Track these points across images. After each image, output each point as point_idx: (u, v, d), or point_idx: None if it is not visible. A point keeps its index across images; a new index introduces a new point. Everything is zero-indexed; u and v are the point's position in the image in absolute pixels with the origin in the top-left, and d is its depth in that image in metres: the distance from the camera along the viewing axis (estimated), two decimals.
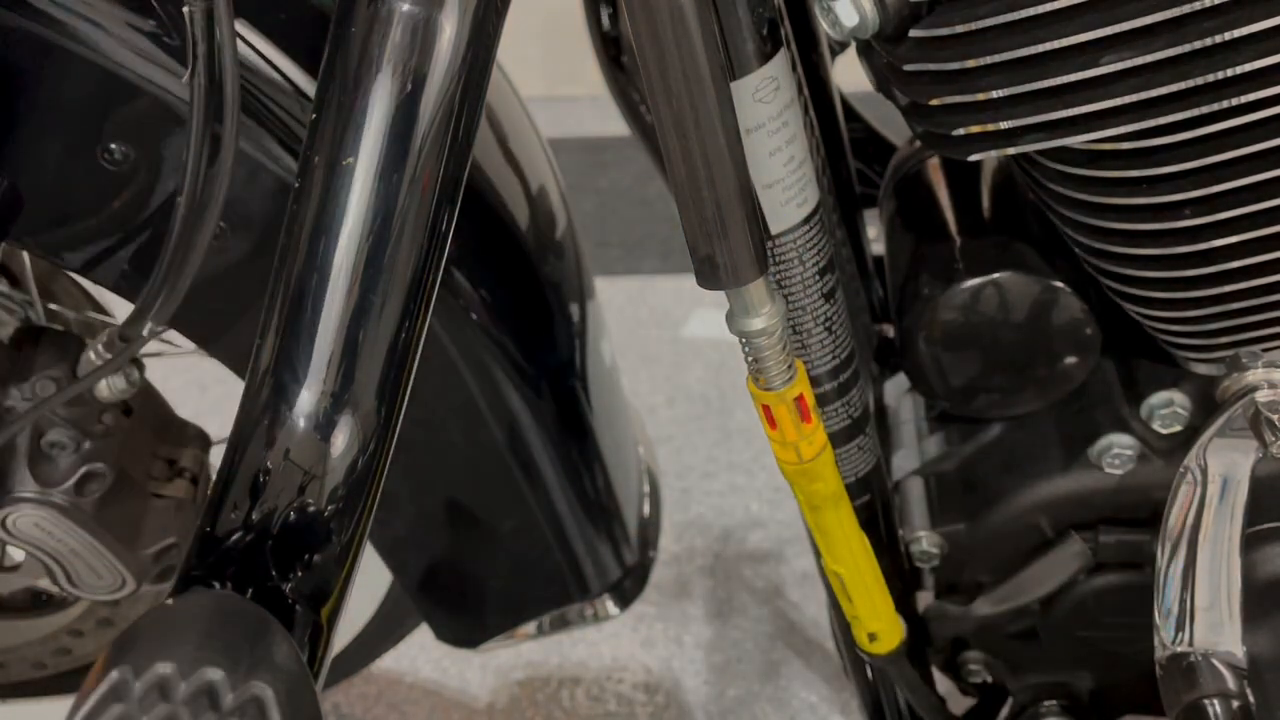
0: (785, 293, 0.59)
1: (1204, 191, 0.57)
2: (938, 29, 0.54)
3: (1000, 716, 0.86)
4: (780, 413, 0.48)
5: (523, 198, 0.89)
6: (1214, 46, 0.51)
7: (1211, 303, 0.62)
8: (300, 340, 0.40)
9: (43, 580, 0.97)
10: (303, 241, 0.40)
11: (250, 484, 0.39)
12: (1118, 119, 0.54)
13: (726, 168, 0.42)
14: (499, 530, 0.86)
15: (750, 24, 0.50)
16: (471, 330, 0.80)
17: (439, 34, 0.40)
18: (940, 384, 0.72)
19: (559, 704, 1.40)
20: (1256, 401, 0.62)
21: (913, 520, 0.77)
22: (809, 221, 0.56)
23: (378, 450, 0.40)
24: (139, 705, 0.31)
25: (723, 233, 0.43)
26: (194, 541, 0.38)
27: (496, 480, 0.82)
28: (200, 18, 0.59)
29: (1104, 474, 0.72)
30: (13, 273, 0.92)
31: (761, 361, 0.47)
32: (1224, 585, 0.60)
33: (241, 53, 0.67)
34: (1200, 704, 0.56)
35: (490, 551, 0.88)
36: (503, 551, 0.88)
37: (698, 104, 0.40)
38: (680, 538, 1.55)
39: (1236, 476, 0.62)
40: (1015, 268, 0.68)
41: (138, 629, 0.34)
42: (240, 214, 0.69)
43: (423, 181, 0.40)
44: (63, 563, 0.79)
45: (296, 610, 0.37)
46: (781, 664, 1.42)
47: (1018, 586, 0.75)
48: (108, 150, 0.66)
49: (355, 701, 1.41)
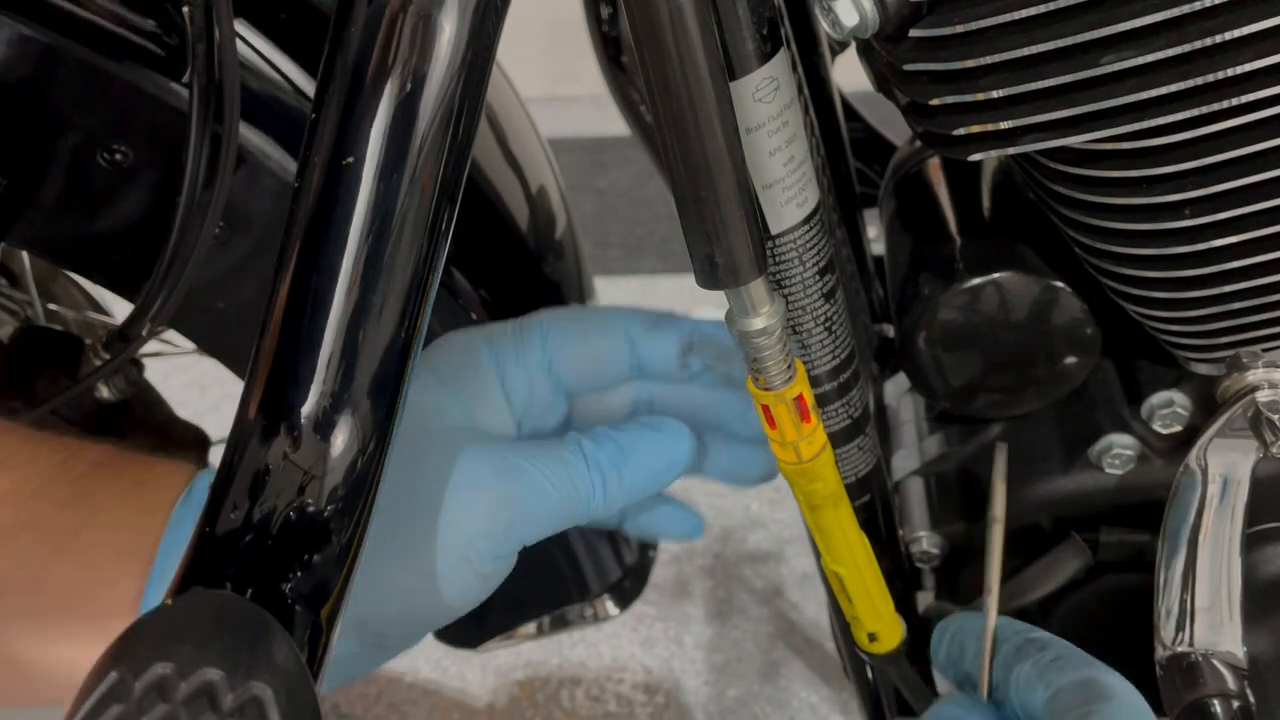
0: (785, 293, 0.59)
1: (1204, 191, 0.57)
2: (938, 29, 0.54)
3: None
4: (779, 412, 0.48)
5: (523, 198, 0.89)
6: (1214, 46, 0.51)
7: (1211, 303, 0.62)
8: (300, 340, 0.39)
9: None
10: (302, 241, 0.40)
11: (250, 484, 0.39)
12: (1118, 119, 0.54)
13: (725, 168, 0.42)
14: None
15: (750, 24, 0.50)
16: None
17: (439, 34, 0.39)
18: (940, 384, 0.72)
19: (559, 704, 1.40)
20: (1257, 401, 0.62)
21: (913, 520, 0.77)
22: (809, 221, 0.56)
23: (378, 450, 0.40)
24: (138, 706, 0.31)
25: (722, 232, 0.43)
26: (193, 542, 0.38)
27: None
28: (200, 17, 0.59)
29: (1104, 474, 0.72)
30: (13, 273, 0.92)
31: (761, 361, 0.47)
32: (1224, 585, 0.60)
33: (241, 53, 0.67)
34: (1200, 704, 0.56)
35: None
36: None
37: (696, 104, 0.40)
38: None
39: (1236, 476, 0.62)
40: (1015, 268, 0.68)
41: (137, 629, 0.34)
42: (240, 214, 0.69)
43: (423, 181, 0.40)
44: None
45: (296, 610, 0.37)
46: (781, 664, 1.42)
47: (1018, 586, 0.75)
48: (108, 150, 0.66)
49: (355, 701, 1.41)
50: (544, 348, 0.47)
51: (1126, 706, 0.40)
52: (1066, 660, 0.42)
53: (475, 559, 0.44)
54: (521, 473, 0.44)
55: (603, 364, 0.47)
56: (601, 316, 0.48)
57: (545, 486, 0.44)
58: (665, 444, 0.46)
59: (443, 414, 0.46)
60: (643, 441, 0.46)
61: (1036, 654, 0.43)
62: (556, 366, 0.47)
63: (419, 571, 0.44)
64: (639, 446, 0.46)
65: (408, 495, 0.44)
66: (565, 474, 0.45)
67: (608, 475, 0.45)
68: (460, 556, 0.44)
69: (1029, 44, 0.52)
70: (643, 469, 0.46)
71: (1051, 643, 0.43)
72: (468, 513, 0.44)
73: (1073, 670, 0.42)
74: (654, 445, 0.46)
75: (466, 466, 0.44)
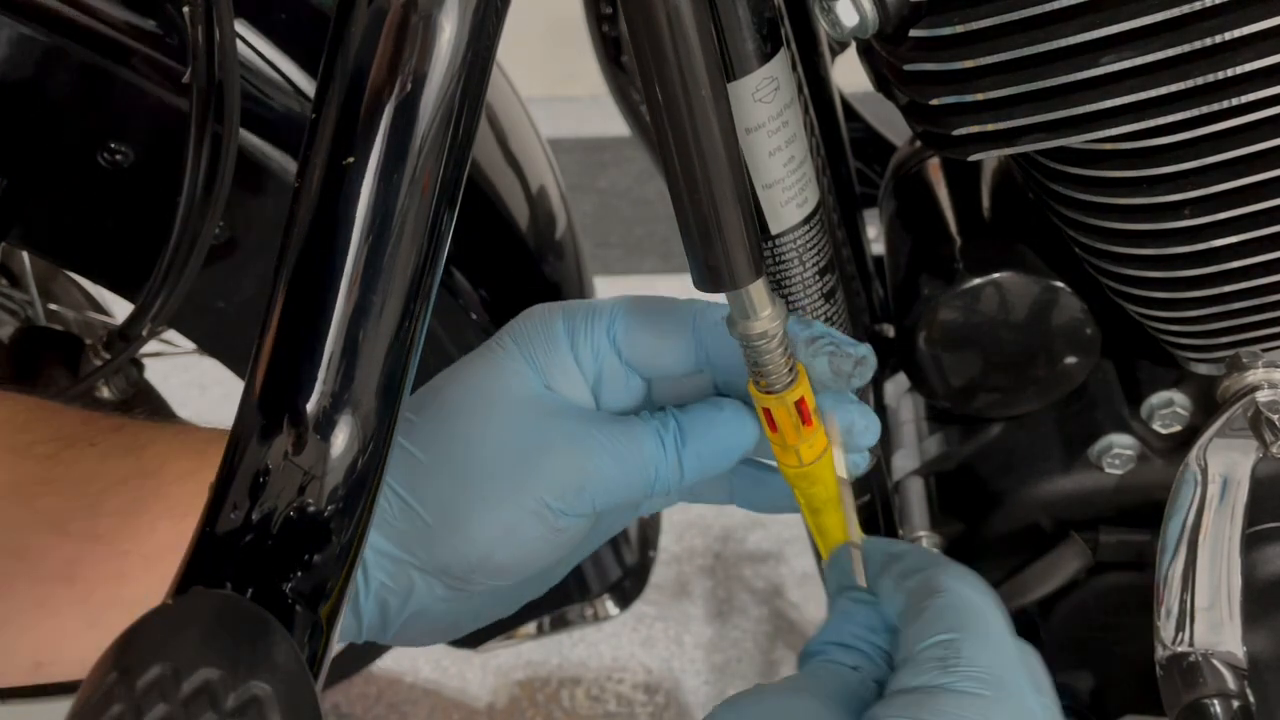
0: (785, 293, 0.59)
1: (1204, 191, 0.57)
2: (938, 29, 0.54)
3: None
4: (780, 415, 0.48)
5: (523, 198, 0.89)
6: (1214, 46, 0.51)
7: (1211, 303, 0.62)
8: (300, 340, 0.39)
9: None
10: (303, 241, 0.40)
11: (250, 484, 0.39)
12: (1118, 119, 0.54)
13: (722, 169, 0.42)
14: None
15: (750, 24, 0.50)
16: (471, 330, 0.80)
17: (439, 34, 0.39)
18: (940, 384, 0.72)
19: (559, 704, 1.40)
20: (1256, 401, 0.62)
21: (913, 520, 0.77)
22: (809, 222, 0.56)
23: (378, 450, 0.40)
24: (138, 705, 0.31)
25: (719, 235, 0.42)
26: (193, 541, 0.38)
27: None
28: (200, 17, 0.59)
29: (1104, 474, 0.72)
30: (13, 273, 0.92)
31: (762, 364, 0.46)
32: (1224, 585, 0.60)
33: (241, 53, 0.67)
34: (1200, 704, 0.56)
35: None
36: None
37: (693, 106, 0.40)
38: (680, 538, 1.55)
39: (1236, 476, 0.62)
40: (1015, 268, 0.68)
41: (137, 630, 0.34)
42: (240, 214, 0.69)
43: (423, 181, 0.40)
44: None
45: (296, 610, 0.37)
46: (781, 664, 1.42)
47: (1018, 586, 0.75)
48: (107, 150, 0.66)
49: (355, 701, 1.41)
50: (612, 326, 0.49)
51: (952, 597, 0.42)
52: (914, 565, 0.46)
53: (548, 516, 0.47)
54: (590, 440, 0.47)
55: (667, 350, 0.49)
56: (672, 306, 0.49)
57: (612, 455, 0.47)
58: (728, 422, 0.48)
59: (521, 378, 0.48)
60: (705, 420, 0.48)
61: (894, 565, 0.45)
62: (622, 346, 0.49)
63: (496, 523, 0.47)
64: (701, 424, 0.48)
65: (485, 451, 0.47)
66: (632, 445, 0.47)
67: (668, 449, 0.48)
68: (531, 513, 0.47)
69: (1029, 44, 0.52)
70: (707, 446, 0.48)
71: (905, 553, 0.46)
72: (538, 472, 0.47)
73: (918, 574, 0.45)
74: (716, 423, 0.48)
75: (539, 429, 0.47)
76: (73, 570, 0.47)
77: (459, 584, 0.49)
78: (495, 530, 0.47)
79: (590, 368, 0.49)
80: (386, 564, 0.48)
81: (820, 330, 0.48)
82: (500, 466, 0.47)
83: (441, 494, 0.47)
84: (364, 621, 0.49)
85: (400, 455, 0.47)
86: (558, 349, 0.49)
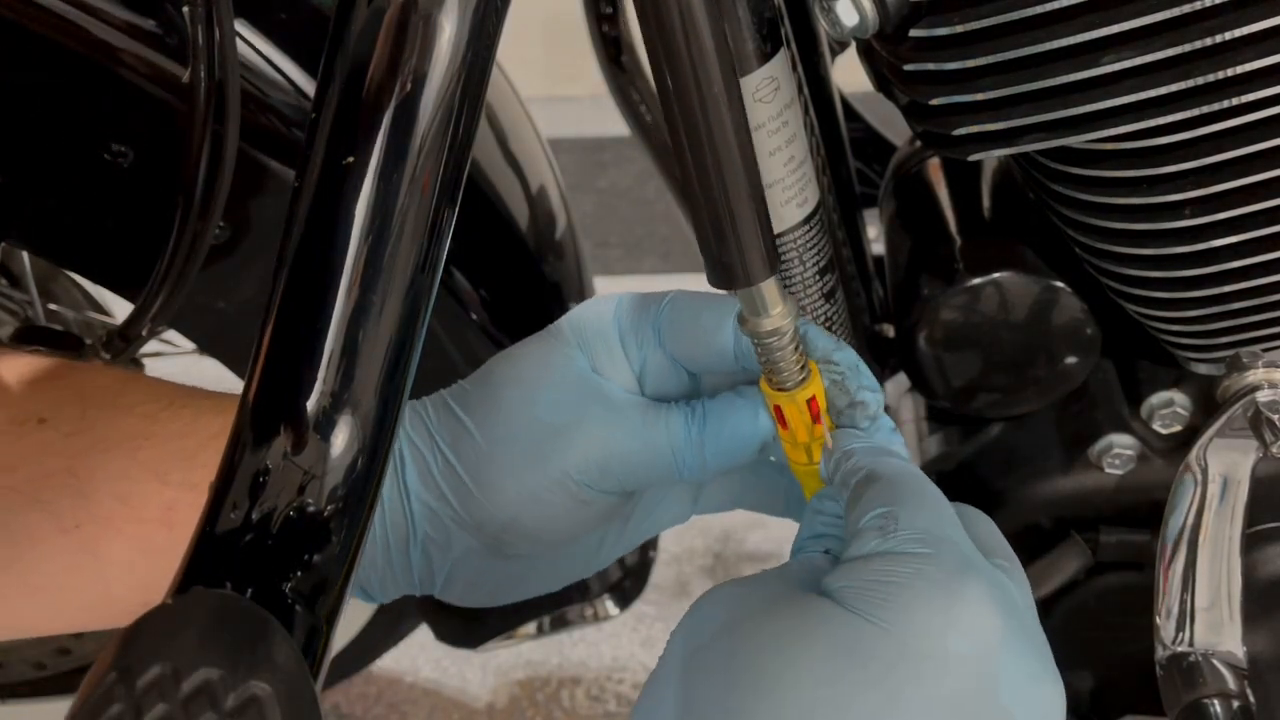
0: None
1: (1204, 191, 0.57)
2: (938, 29, 0.54)
3: None
4: (791, 413, 0.48)
5: (523, 198, 0.89)
6: (1214, 46, 0.51)
7: (1211, 303, 0.62)
8: (300, 340, 0.39)
9: None
10: (302, 241, 0.40)
11: (250, 484, 0.39)
12: (1118, 119, 0.54)
13: (737, 166, 0.41)
14: None
15: (750, 24, 0.50)
16: (471, 330, 0.80)
17: (439, 34, 0.39)
18: (940, 384, 0.72)
19: (559, 704, 1.40)
20: (1256, 401, 0.62)
21: None
22: (809, 221, 0.56)
23: (378, 450, 0.40)
24: (138, 705, 0.31)
25: (734, 232, 0.43)
26: (193, 541, 0.38)
27: None
28: (200, 17, 0.59)
29: (1104, 474, 0.72)
30: (13, 273, 0.92)
31: (773, 362, 0.47)
32: (1224, 585, 0.60)
33: (241, 53, 0.67)
34: (1200, 704, 0.56)
35: None
36: None
37: (707, 103, 0.40)
38: (680, 538, 1.55)
39: (1236, 476, 0.62)
40: (1015, 268, 0.68)
41: (137, 629, 0.34)
42: (240, 214, 0.69)
43: (423, 181, 0.40)
44: None
45: (296, 610, 0.37)
46: None
47: None
48: (108, 150, 0.66)
49: (355, 701, 1.41)
50: (658, 318, 0.52)
51: (888, 478, 0.45)
52: (860, 462, 0.47)
53: (571, 487, 0.50)
54: (619, 420, 0.50)
55: (703, 345, 0.51)
56: (712, 302, 0.51)
57: (637, 435, 0.50)
58: (742, 409, 0.50)
59: (569, 360, 0.51)
60: (726, 406, 0.51)
61: (845, 462, 0.48)
62: (665, 338, 0.51)
63: (522, 488, 0.49)
64: (721, 410, 0.50)
65: (522, 421, 0.50)
66: (657, 427, 0.50)
67: (693, 435, 0.50)
68: (556, 482, 0.50)
69: (1029, 44, 0.52)
70: (725, 430, 0.50)
71: (855, 451, 0.48)
72: (566, 446, 0.49)
73: (863, 470, 0.47)
74: (735, 408, 0.50)
75: (575, 406, 0.50)
76: (170, 515, 0.51)
77: (493, 542, 0.51)
78: (522, 495, 0.49)
79: (636, 356, 0.52)
80: (430, 515, 0.51)
81: (840, 358, 0.49)
82: (533, 437, 0.50)
83: (480, 456, 0.50)
84: (414, 571, 0.52)
85: (448, 417, 0.51)
86: (607, 336, 0.52)
